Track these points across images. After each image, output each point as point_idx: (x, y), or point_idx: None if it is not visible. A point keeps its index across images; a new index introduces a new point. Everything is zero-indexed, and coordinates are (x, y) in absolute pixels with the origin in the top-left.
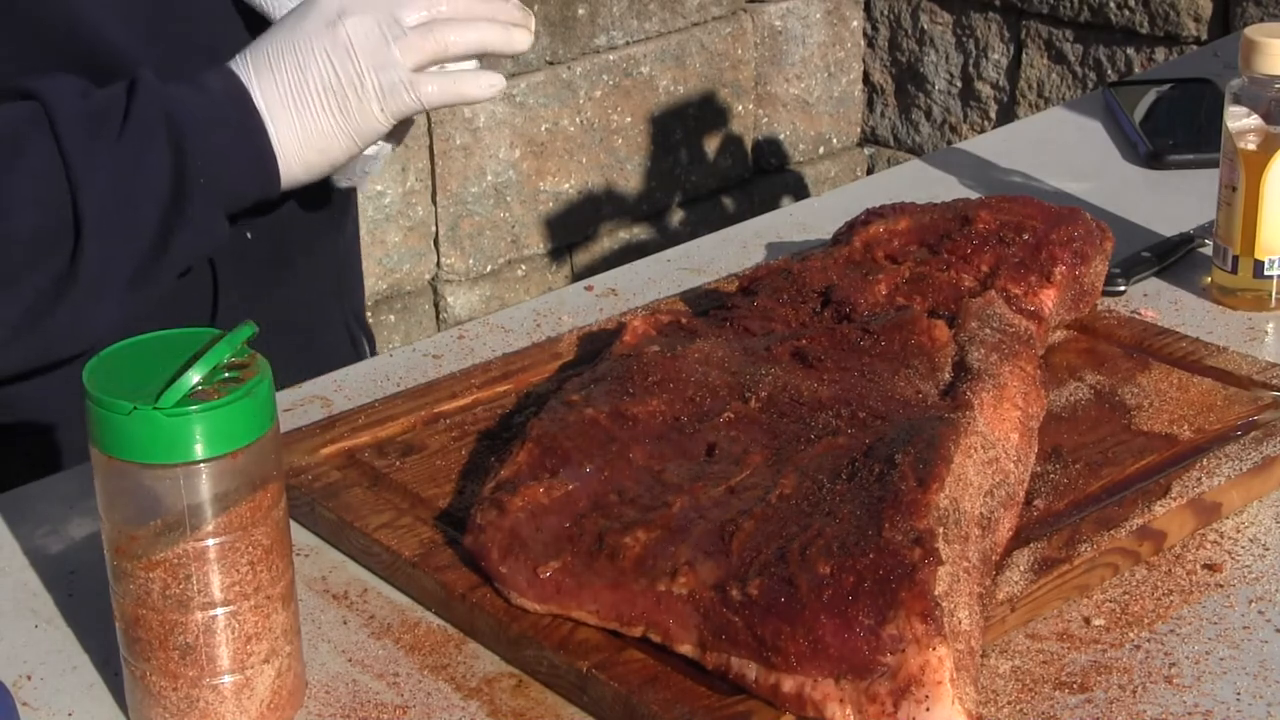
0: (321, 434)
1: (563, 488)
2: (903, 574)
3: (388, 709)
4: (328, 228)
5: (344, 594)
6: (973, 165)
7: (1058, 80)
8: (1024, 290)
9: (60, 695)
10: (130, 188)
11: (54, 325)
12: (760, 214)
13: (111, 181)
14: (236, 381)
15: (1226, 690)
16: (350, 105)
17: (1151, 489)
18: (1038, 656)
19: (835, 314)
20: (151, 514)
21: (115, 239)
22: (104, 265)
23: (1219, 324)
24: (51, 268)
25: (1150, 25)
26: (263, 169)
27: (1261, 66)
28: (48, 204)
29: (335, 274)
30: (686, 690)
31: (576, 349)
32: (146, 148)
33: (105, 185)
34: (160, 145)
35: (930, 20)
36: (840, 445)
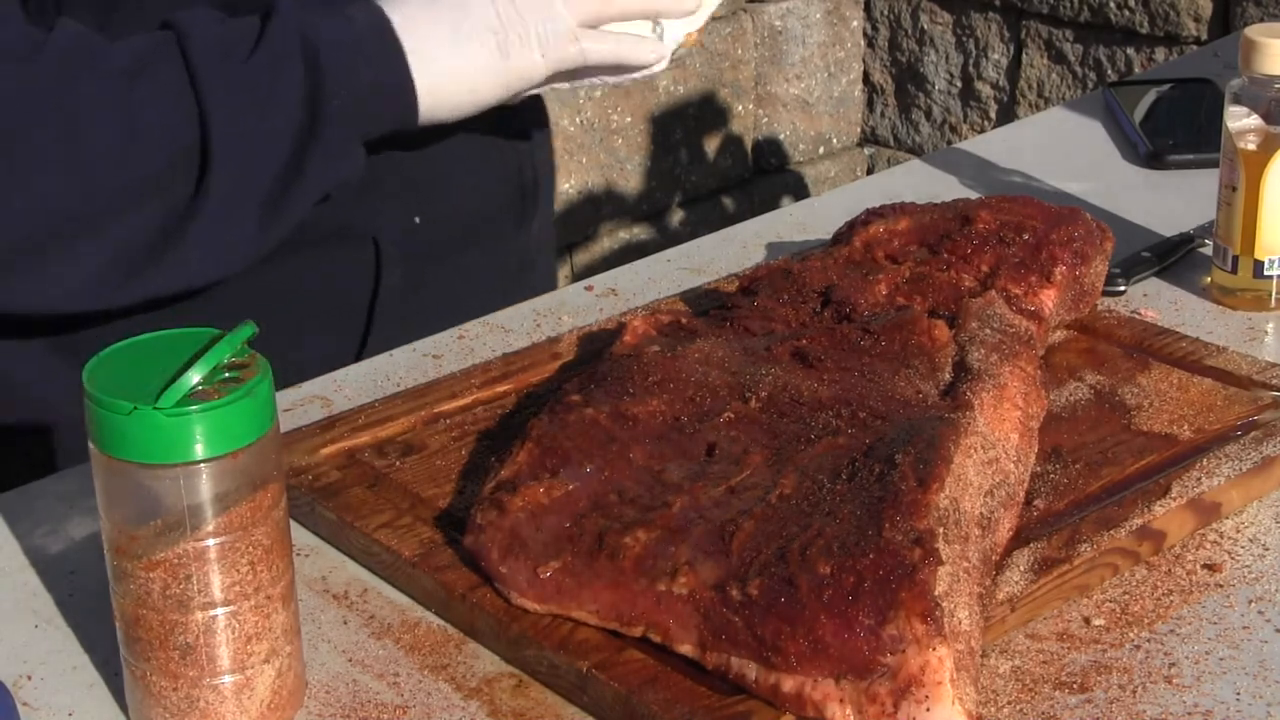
0: (321, 434)
1: (563, 488)
2: (903, 574)
3: (388, 709)
4: (507, 225)
5: (344, 594)
6: (973, 165)
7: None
8: (1024, 290)
9: (60, 695)
10: (262, 108)
11: (188, 247)
12: (760, 214)
13: (242, 101)
14: (236, 381)
15: (1226, 690)
16: (511, 48)
17: (1151, 489)
18: (1038, 656)
19: (835, 314)
20: (151, 514)
21: (246, 159)
22: (235, 185)
23: (1219, 324)
24: (183, 187)
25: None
26: (400, 99)
27: (1261, 66)
28: (177, 124)
29: (513, 272)
30: (686, 690)
31: (576, 349)
32: (280, 69)
33: (236, 105)
34: (294, 67)
35: (930, 20)
36: (840, 445)
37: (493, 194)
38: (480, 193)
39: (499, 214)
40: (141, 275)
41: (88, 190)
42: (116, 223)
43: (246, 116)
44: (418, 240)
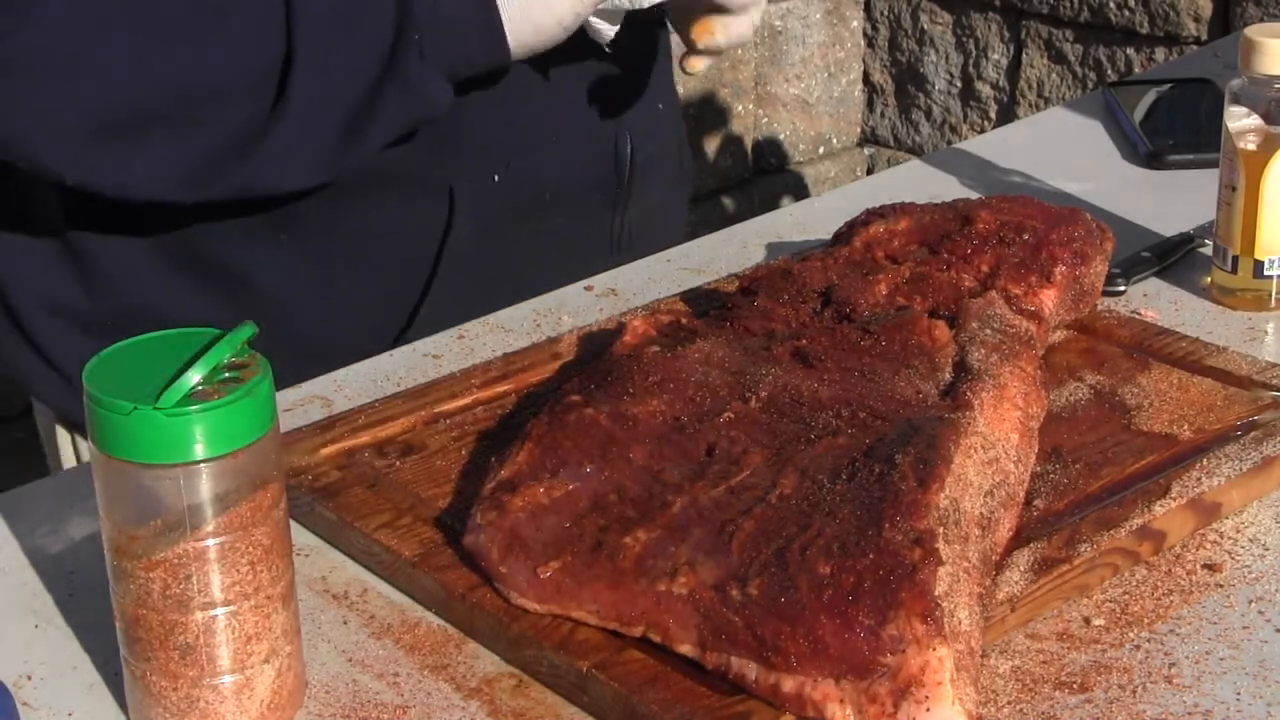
0: (321, 434)
1: (563, 488)
2: (903, 574)
3: (388, 709)
4: (595, 200)
5: (344, 594)
6: (973, 165)
7: (1058, 80)
8: (1024, 290)
9: (60, 695)
10: (349, 27)
11: (270, 151)
12: (760, 214)
13: (332, 13)
14: (236, 381)
15: (1226, 690)
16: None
17: (1151, 489)
18: (1038, 656)
19: (835, 314)
20: (151, 514)
21: (329, 75)
22: (315, 101)
23: (1219, 324)
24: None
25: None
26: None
27: (1261, 66)
28: (265, 34)
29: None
30: (686, 690)
31: (576, 349)
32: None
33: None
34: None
35: (930, 20)
36: (840, 445)
37: (580, 166)
38: (566, 162)
39: (587, 188)
40: (224, 173)
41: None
42: (215, 115)
43: (334, 28)
44: (495, 198)
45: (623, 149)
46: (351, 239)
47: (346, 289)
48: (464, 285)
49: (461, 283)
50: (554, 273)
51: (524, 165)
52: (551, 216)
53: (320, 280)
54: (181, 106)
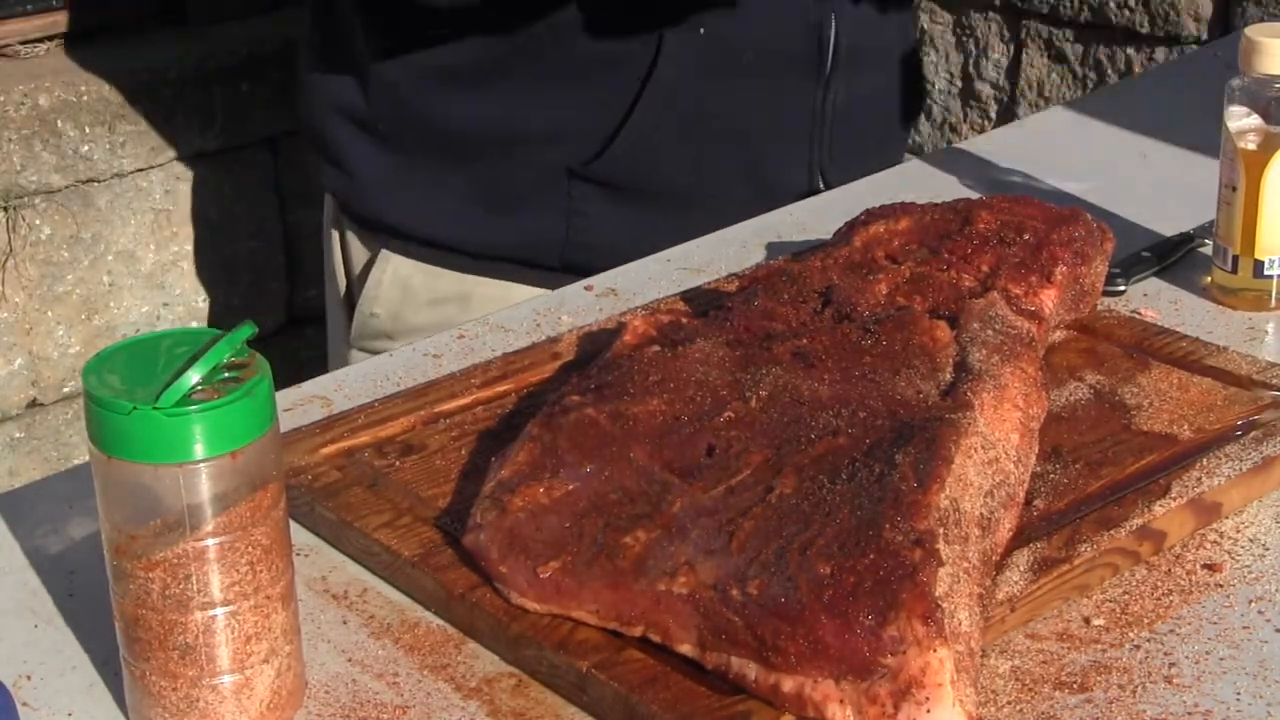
0: (321, 434)
1: (563, 487)
2: (903, 575)
3: (388, 709)
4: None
5: (344, 594)
6: (973, 165)
7: (1058, 80)
8: (1024, 290)
9: (60, 695)
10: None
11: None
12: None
13: None
14: (236, 381)
15: (1226, 690)
16: None
17: (1151, 489)
18: (1038, 656)
19: (835, 314)
20: (151, 514)
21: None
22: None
23: (1219, 324)
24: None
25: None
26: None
27: (1261, 66)
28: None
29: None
30: (686, 690)
31: (576, 349)
32: None
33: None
34: None
35: (930, 20)
36: (840, 445)
37: (781, 38)
38: (767, 30)
39: (787, 60)
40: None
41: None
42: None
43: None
44: (698, 49)
45: (826, 32)
46: (577, 65)
47: (559, 107)
48: (662, 124)
49: (660, 121)
50: (755, 132)
51: (728, 25)
52: (751, 78)
53: (550, 95)
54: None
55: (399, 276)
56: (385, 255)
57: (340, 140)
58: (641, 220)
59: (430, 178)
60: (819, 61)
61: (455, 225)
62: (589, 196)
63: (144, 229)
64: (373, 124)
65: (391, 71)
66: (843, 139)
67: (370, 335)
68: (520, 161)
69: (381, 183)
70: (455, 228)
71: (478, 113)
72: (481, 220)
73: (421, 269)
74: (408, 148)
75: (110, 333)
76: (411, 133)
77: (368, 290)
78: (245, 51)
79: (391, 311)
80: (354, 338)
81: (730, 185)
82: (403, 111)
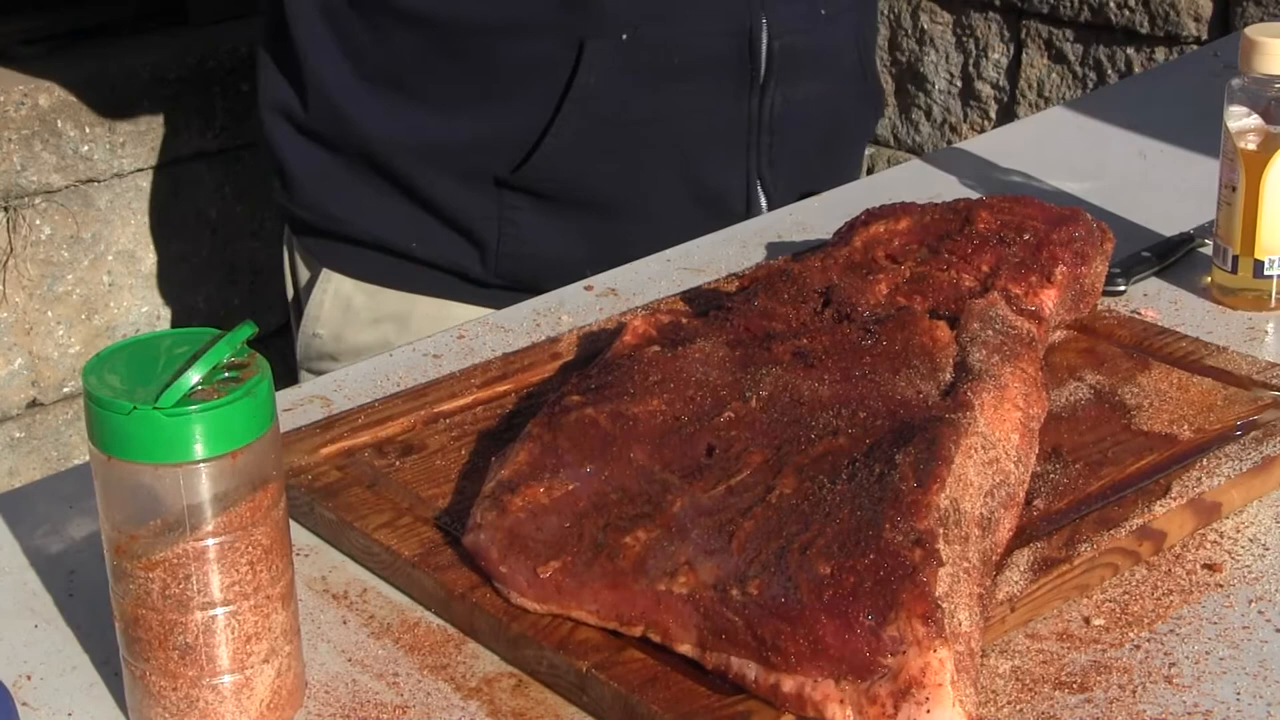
0: (321, 434)
1: (563, 487)
2: (903, 575)
3: (388, 709)
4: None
5: (344, 594)
6: (973, 165)
7: (1058, 80)
8: (1024, 290)
9: (60, 695)
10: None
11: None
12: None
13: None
14: (236, 381)
15: (1226, 690)
16: None
17: (1151, 489)
18: (1038, 656)
19: (836, 314)
20: (151, 514)
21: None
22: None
23: (1219, 324)
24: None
25: (1150, 25)
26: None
27: (1261, 66)
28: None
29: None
30: (686, 690)
31: (576, 349)
32: None
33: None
34: None
35: (930, 20)
36: (840, 445)
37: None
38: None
39: (718, 65)
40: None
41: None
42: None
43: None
44: (621, 56)
45: (757, 36)
46: (496, 72)
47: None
48: (588, 131)
49: (585, 129)
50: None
51: (653, 31)
52: (681, 84)
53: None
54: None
55: (340, 296)
56: (327, 275)
57: (282, 142)
58: (574, 229)
59: (365, 183)
60: (751, 67)
61: (390, 231)
62: (518, 205)
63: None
64: (310, 127)
65: (325, 74)
66: (783, 146)
67: (315, 356)
68: (448, 168)
69: (319, 186)
70: (390, 234)
71: (404, 118)
72: (415, 227)
73: (362, 288)
74: (344, 152)
75: (110, 333)
76: (345, 138)
77: (310, 310)
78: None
79: (334, 332)
80: (300, 359)
81: (666, 193)
82: (336, 116)
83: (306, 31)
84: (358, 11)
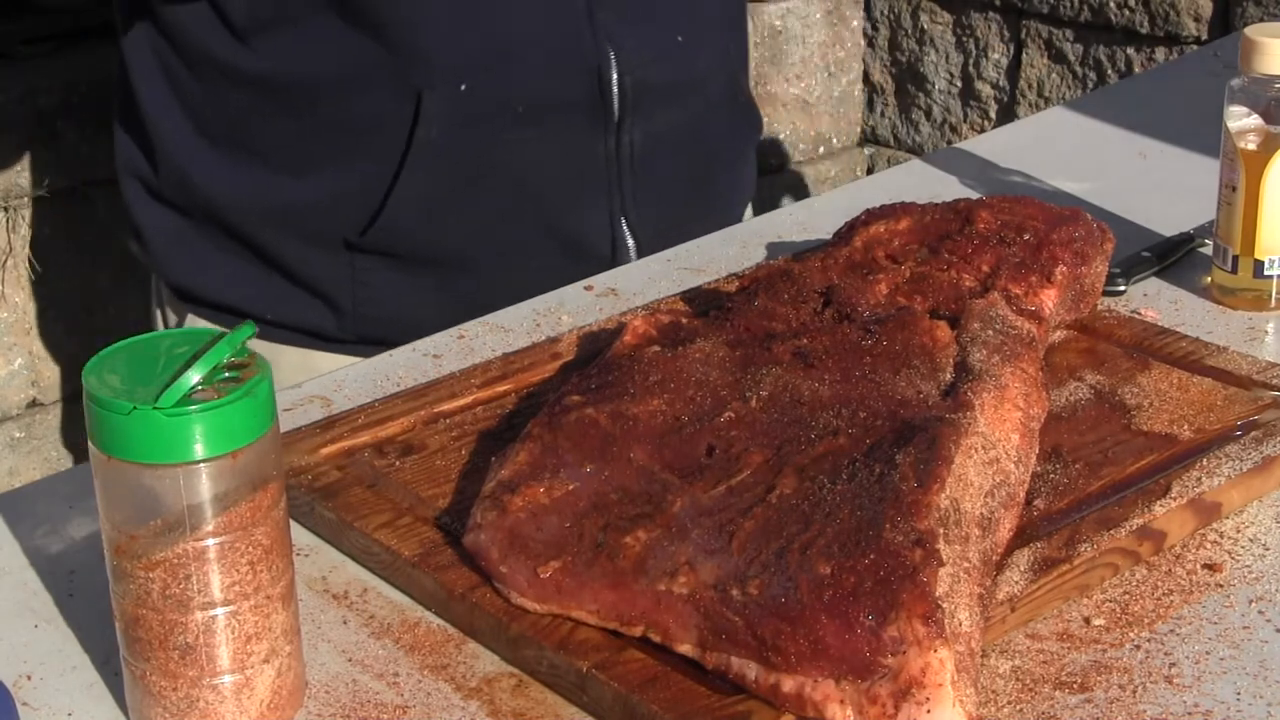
0: (321, 434)
1: (563, 487)
2: (904, 575)
3: (388, 709)
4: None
5: (344, 594)
6: (973, 165)
7: (1058, 80)
8: (1025, 290)
9: (60, 695)
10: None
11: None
12: (760, 214)
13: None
14: (236, 381)
15: (1226, 690)
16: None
17: (1151, 489)
18: (1038, 656)
19: (836, 314)
20: (151, 514)
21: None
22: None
23: (1219, 324)
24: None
25: (1150, 25)
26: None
27: (1261, 66)
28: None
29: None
30: (686, 690)
31: (576, 349)
32: None
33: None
34: None
35: (930, 20)
36: (841, 445)
37: (556, 84)
38: (539, 78)
39: (567, 107)
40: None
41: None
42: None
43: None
44: (463, 107)
45: (607, 73)
46: (333, 130)
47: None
48: (435, 187)
49: (432, 185)
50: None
51: (494, 78)
52: (530, 130)
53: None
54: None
55: None
56: (192, 320)
57: (135, 205)
58: (432, 288)
59: (217, 247)
60: (604, 105)
61: (245, 296)
62: (371, 268)
63: None
64: (160, 190)
65: (170, 136)
66: (647, 184)
67: None
68: (296, 231)
69: (174, 250)
70: (246, 298)
71: (249, 180)
72: (269, 291)
73: None
74: (194, 216)
75: (110, 333)
76: (194, 200)
77: None
78: None
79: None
80: None
81: (525, 244)
82: (183, 178)
83: (150, 93)
84: (194, 73)
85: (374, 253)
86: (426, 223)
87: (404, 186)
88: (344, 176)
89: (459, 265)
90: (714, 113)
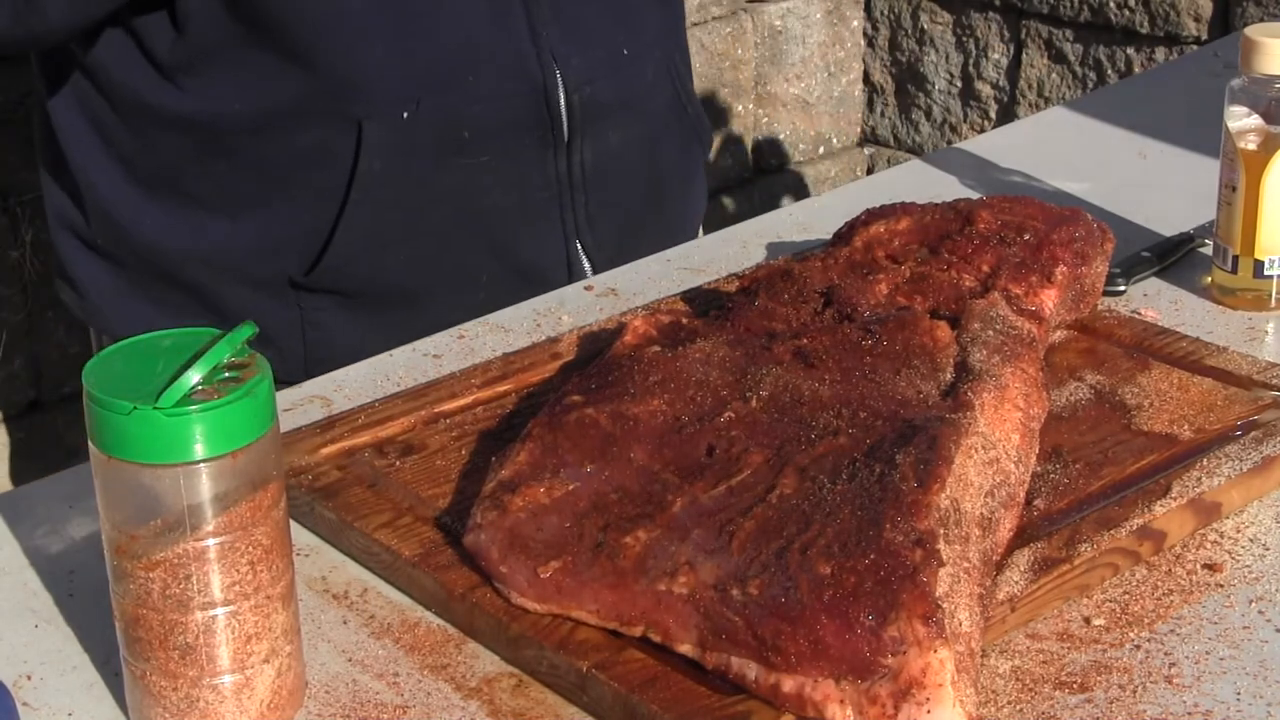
0: (321, 434)
1: (563, 487)
2: (904, 575)
3: (388, 709)
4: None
5: (344, 594)
6: (973, 165)
7: (1058, 80)
8: (1025, 290)
9: (60, 695)
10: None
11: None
12: (760, 214)
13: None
14: (236, 381)
15: (1226, 690)
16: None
17: (1151, 489)
18: (1038, 656)
19: (836, 314)
20: (151, 514)
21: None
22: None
23: (1219, 324)
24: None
25: (1150, 25)
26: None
27: (1261, 66)
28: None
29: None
30: (686, 690)
31: (576, 349)
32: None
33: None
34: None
35: (930, 20)
36: (841, 445)
37: (501, 106)
38: (484, 102)
39: (514, 129)
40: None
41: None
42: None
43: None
44: (405, 136)
45: (554, 94)
46: (271, 167)
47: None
48: (382, 220)
49: (378, 217)
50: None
51: (435, 104)
52: (478, 156)
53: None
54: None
55: None
56: None
57: (68, 256)
58: (383, 323)
59: (155, 296)
60: (552, 125)
61: None
62: (320, 307)
63: None
64: (93, 240)
65: (100, 184)
66: (600, 203)
67: None
68: (238, 274)
69: (111, 301)
70: None
71: (185, 225)
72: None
73: None
74: (129, 265)
75: None
76: (128, 248)
77: None
78: None
79: None
80: None
81: (478, 271)
82: (115, 226)
83: (76, 141)
84: (120, 116)
85: (321, 291)
86: (375, 257)
87: (349, 221)
88: (285, 214)
89: (410, 298)
90: (663, 127)
